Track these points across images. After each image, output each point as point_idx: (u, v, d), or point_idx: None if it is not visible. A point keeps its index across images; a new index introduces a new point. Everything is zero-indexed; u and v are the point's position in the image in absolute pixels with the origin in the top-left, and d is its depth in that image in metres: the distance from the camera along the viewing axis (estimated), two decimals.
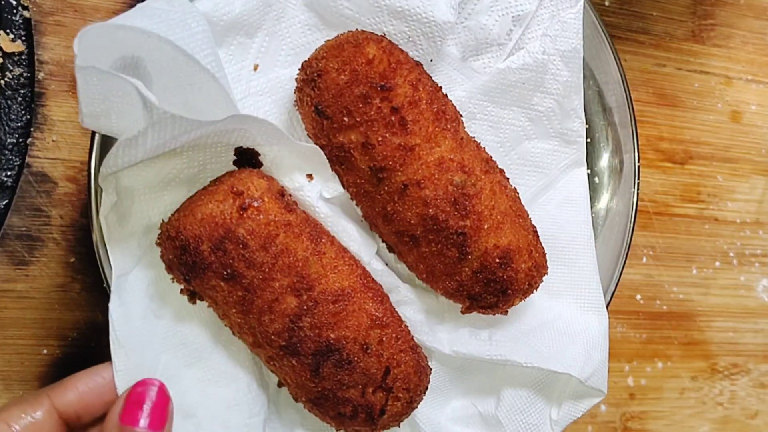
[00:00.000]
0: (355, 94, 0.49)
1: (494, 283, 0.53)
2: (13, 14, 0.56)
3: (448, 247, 0.52)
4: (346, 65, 0.50)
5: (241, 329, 0.51)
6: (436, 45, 0.55)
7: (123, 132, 0.46)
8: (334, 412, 0.52)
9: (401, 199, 0.51)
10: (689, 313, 0.81)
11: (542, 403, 0.61)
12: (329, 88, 0.50)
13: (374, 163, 0.50)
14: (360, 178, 0.51)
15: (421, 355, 0.55)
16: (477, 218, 0.52)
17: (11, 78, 0.56)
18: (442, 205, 0.51)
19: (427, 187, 0.50)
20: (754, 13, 0.83)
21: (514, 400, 0.61)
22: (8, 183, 0.55)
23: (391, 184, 0.51)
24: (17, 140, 0.56)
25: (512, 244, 0.53)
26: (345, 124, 0.50)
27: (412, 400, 0.54)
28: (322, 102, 0.50)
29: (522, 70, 0.59)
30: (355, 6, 0.54)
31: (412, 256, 0.54)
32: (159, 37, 0.43)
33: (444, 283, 0.54)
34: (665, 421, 0.78)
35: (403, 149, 0.50)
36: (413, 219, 0.51)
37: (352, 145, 0.50)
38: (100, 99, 0.44)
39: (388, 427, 0.54)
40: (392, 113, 0.50)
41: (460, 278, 0.53)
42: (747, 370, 0.84)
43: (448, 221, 0.51)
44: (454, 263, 0.52)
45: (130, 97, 0.44)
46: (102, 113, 0.44)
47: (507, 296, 0.54)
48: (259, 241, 0.48)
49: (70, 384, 0.49)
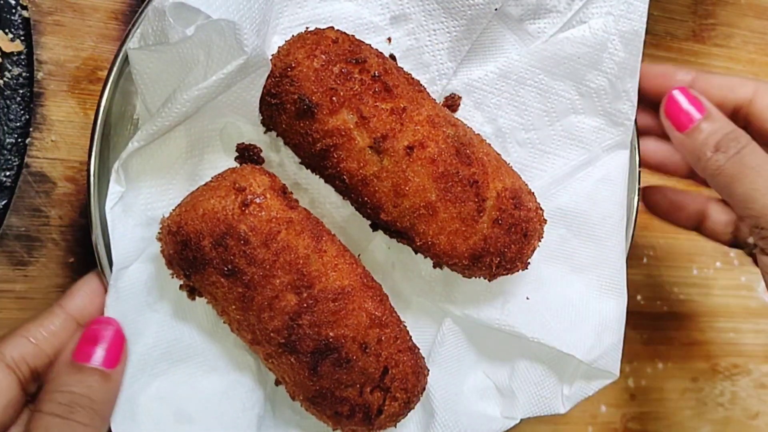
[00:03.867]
0: (335, 73, 0.49)
1: (515, 226, 0.52)
2: (12, 14, 0.56)
3: (464, 201, 0.51)
4: (316, 50, 0.49)
5: (240, 326, 0.51)
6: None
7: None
8: (331, 411, 0.52)
9: (410, 166, 0.50)
10: (690, 313, 0.81)
11: (555, 378, 0.62)
12: (307, 76, 0.49)
13: (374, 134, 0.49)
14: (359, 161, 0.50)
15: (419, 356, 0.55)
16: (480, 164, 0.52)
17: (10, 78, 0.56)
18: (449, 159, 0.50)
19: (429, 146, 0.50)
20: (754, 13, 0.83)
21: (527, 373, 0.62)
22: (7, 183, 0.55)
23: (395, 152, 0.50)
24: (16, 140, 0.56)
25: (515, 184, 0.53)
26: (335, 105, 0.49)
27: (410, 401, 0.54)
28: (304, 92, 0.49)
29: (580, 45, 0.58)
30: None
31: (431, 228, 0.51)
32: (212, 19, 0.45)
33: (468, 245, 0.52)
34: (666, 422, 0.78)
35: (397, 113, 0.50)
36: (427, 182, 0.50)
37: (348, 124, 0.49)
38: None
39: (385, 427, 0.54)
40: (375, 81, 0.49)
41: (483, 233, 0.52)
42: (748, 370, 0.84)
43: (458, 172, 0.50)
44: (473, 218, 0.51)
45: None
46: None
47: (528, 239, 0.53)
48: (261, 238, 0.48)
49: (76, 291, 0.50)
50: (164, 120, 0.49)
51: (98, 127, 0.52)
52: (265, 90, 0.51)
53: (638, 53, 0.59)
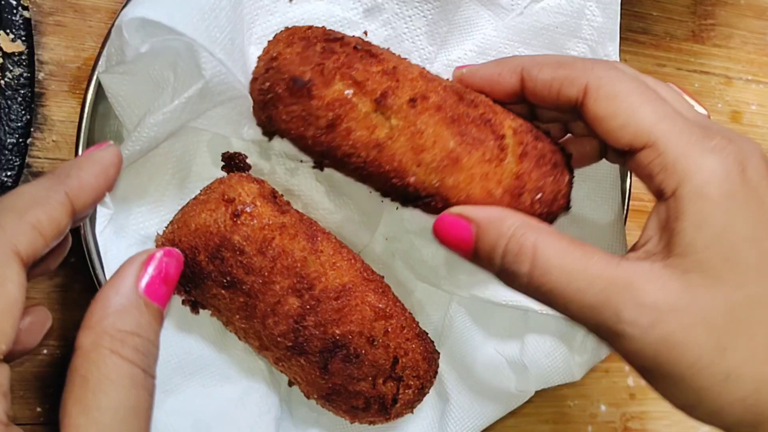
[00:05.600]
0: (318, 51, 0.47)
1: (542, 158, 0.48)
2: (13, 14, 0.56)
3: (483, 141, 0.47)
4: (293, 38, 0.48)
5: (246, 334, 0.51)
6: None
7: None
8: (347, 406, 0.53)
9: (418, 117, 0.46)
10: None
11: (565, 348, 0.62)
12: (292, 60, 0.46)
13: (373, 95, 0.46)
14: (367, 127, 0.46)
15: (427, 341, 0.55)
16: (486, 105, 0.49)
17: (11, 78, 0.56)
18: (454, 104, 0.48)
19: (430, 96, 0.47)
20: (754, 13, 0.83)
21: (538, 346, 0.62)
22: (8, 183, 0.55)
23: (399, 108, 0.46)
24: (17, 140, 0.56)
25: (526, 121, 0.51)
26: (327, 77, 0.46)
27: (423, 387, 0.54)
28: (294, 73, 0.46)
29: (556, 14, 0.58)
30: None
31: (461, 178, 0.47)
32: (179, 33, 0.44)
33: (503, 187, 0.47)
34: (666, 422, 0.78)
35: (388, 73, 0.47)
36: (441, 130, 0.47)
37: (345, 93, 0.46)
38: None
39: (402, 414, 0.55)
40: (357, 51, 0.48)
41: (513, 171, 0.48)
42: None
43: (468, 114, 0.48)
44: (498, 157, 0.47)
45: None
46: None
47: (560, 170, 0.49)
48: (256, 246, 0.48)
49: (75, 173, 0.42)
50: (135, 144, 0.48)
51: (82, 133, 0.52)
52: (254, 92, 0.49)
53: (616, 16, 0.59)
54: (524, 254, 0.42)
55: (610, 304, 0.40)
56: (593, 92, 0.44)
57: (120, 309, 0.38)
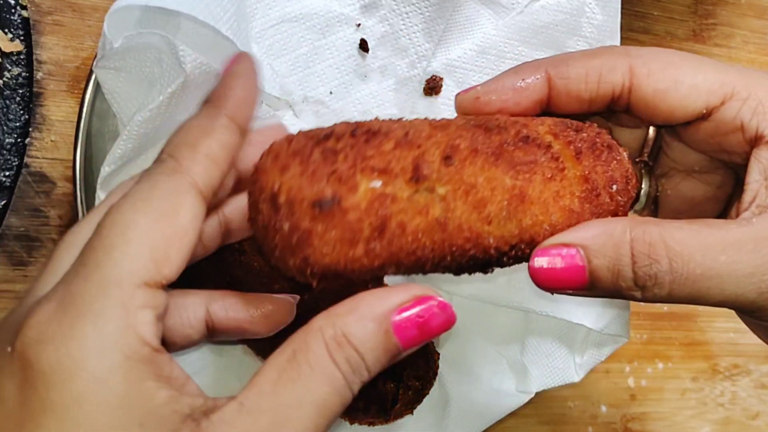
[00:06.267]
0: (320, 160, 0.39)
1: (593, 146, 0.44)
2: (12, 14, 0.56)
3: (535, 162, 0.42)
4: (282, 160, 0.39)
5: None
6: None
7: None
8: (347, 408, 0.53)
9: (461, 172, 0.40)
10: (690, 313, 0.81)
11: (566, 348, 0.62)
12: (300, 186, 0.38)
13: (406, 174, 0.40)
14: (419, 211, 0.39)
15: (427, 342, 0.55)
16: (508, 121, 0.44)
17: (9, 78, 0.56)
18: (485, 138, 0.42)
19: (459, 143, 0.41)
20: (755, 13, 0.83)
21: (538, 347, 0.62)
22: (6, 183, 0.55)
23: (439, 173, 0.40)
24: (16, 140, 0.56)
25: (554, 118, 0.46)
26: (350, 182, 0.38)
27: (424, 387, 0.54)
28: (313, 197, 0.38)
29: (556, 12, 0.58)
30: None
31: (536, 212, 0.42)
32: (180, 13, 0.43)
33: (578, 196, 0.43)
34: (666, 422, 0.78)
35: (405, 143, 0.41)
36: (490, 172, 0.41)
37: (377, 188, 0.39)
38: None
39: (403, 415, 0.54)
40: (357, 137, 0.40)
41: (577, 174, 0.43)
42: (748, 370, 0.84)
43: (505, 140, 0.42)
44: (558, 168, 0.43)
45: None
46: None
47: (615, 150, 0.45)
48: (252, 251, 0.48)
49: (227, 93, 0.40)
50: (126, 143, 0.48)
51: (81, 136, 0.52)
52: (267, 242, 0.40)
53: (616, 14, 0.59)
54: (657, 251, 0.37)
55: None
56: (642, 69, 0.41)
57: (360, 317, 0.36)
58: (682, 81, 0.41)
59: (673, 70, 0.41)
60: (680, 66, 0.41)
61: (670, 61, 0.42)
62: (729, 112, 0.41)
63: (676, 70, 0.41)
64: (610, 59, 0.42)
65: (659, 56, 0.42)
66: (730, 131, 0.41)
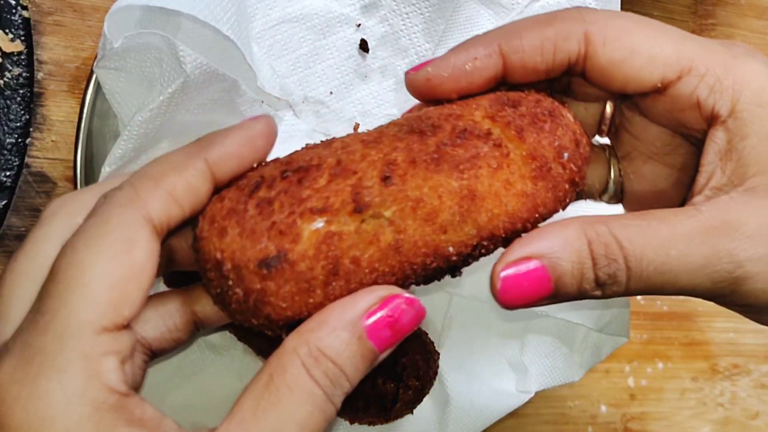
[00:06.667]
0: (255, 214, 0.37)
1: (534, 118, 0.42)
2: (12, 14, 0.56)
3: (478, 154, 0.40)
4: (218, 222, 0.38)
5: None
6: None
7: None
8: (346, 406, 0.53)
9: (404, 188, 0.39)
10: (690, 313, 0.81)
11: (565, 348, 0.62)
12: (242, 246, 0.37)
13: (347, 206, 0.38)
14: (370, 241, 0.38)
15: (427, 342, 0.55)
16: (440, 115, 0.42)
17: (10, 78, 0.56)
18: (420, 143, 0.40)
19: (395, 158, 0.39)
20: (755, 13, 0.83)
21: (538, 346, 0.62)
22: (7, 183, 0.55)
23: (381, 195, 0.38)
24: (16, 140, 0.56)
25: (489, 96, 0.44)
26: (292, 231, 0.37)
27: (424, 387, 0.54)
28: (257, 257, 0.37)
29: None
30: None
31: (490, 207, 0.41)
32: (180, 14, 0.43)
33: (530, 174, 0.41)
34: (666, 422, 0.78)
35: (339, 172, 0.39)
36: (434, 179, 0.39)
37: (319, 230, 0.37)
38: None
39: (402, 415, 0.54)
40: (287, 178, 0.38)
41: (522, 154, 0.41)
42: (748, 370, 0.84)
43: (442, 141, 0.40)
44: (503, 154, 0.41)
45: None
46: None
47: (559, 114, 0.43)
48: None
49: (218, 140, 0.38)
50: (127, 143, 0.48)
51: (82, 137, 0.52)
52: (227, 305, 0.38)
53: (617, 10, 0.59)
54: (613, 251, 0.37)
55: (719, 251, 0.36)
56: (598, 37, 0.39)
57: (332, 329, 0.35)
58: (638, 51, 0.39)
59: (630, 39, 0.39)
60: (637, 34, 0.39)
61: (627, 28, 0.39)
62: (685, 88, 0.39)
63: (633, 38, 0.39)
64: (564, 26, 0.40)
65: (616, 22, 0.40)
66: (686, 107, 0.39)
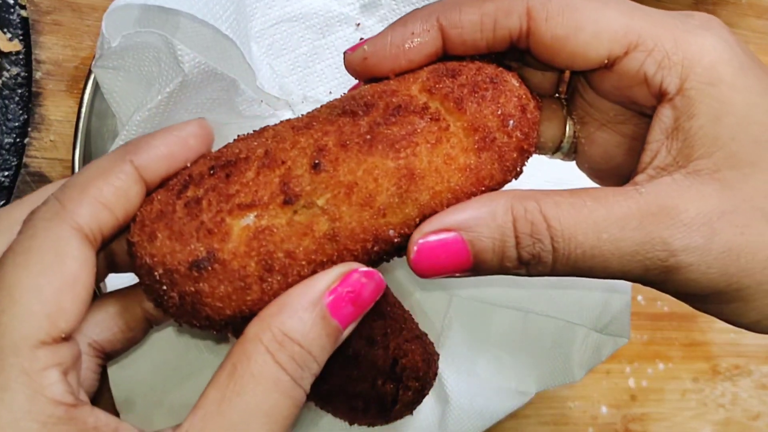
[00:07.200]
0: (183, 215, 0.37)
1: (473, 88, 0.40)
2: (11, 13, 0.56)
3: (415, 130, 0.38)
4: (148, 225, 0.37)
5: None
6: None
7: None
8: (346, 407, 0.53)
9: (336, 173, 0.37)
10: (690, 314, 0.81)
11: (566, 349, 0.62)
12: (172, 249, 0.36)
13: (277, 198, 0.37)
14: (304, 231, 0.37)
15: (427, 343, 0.55)
16: (374, 92, 0.41)
17: (8, 77, 0.55)
18: (353, 125, 0.39)
19: (325, 143, 0.38)
20: (755, 13, 0.83)
21: (538, 347, 0.62)
22: (5, 183, 0.55)
23: (312, 184, 0.37)
24: (14, 140, 0.56)
25: (423, 70, 0.42)
26: (220, 229, 0.36)
27: (423, 388, 0.54)
28: (187, 259, 0.36)
29: None
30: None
31: (433, 183, 0.39)
32: (179, 12, 0.44)
33: (472, 146, 0.39)
34: (666, 423, 0.78)
35: (267, 163, 0.38)
36: (368, 160, 0.37)
37: (250, 225, 0.36)
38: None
39: (402, 416, 0.54)
40: (214, 175, 0.38)
41: (463, 126, 0.39)
42: (748, 371, 0.83)
43: (375, 120, 0.39)
44: (442, 128, 0.40)
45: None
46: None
47: (501, 83, 0.41)
48: None
49: (146, 142, 0.37)
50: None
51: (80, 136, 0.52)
52: (169, 309, 0.37)
53: None
54: (539, 230, 0.35)
55: (653, 238, 0.34)
56: (540, 13, 0.37)
57: (294, 312, 0.35)
58: (582, 27, 0.37)
59: (573, 14, 0.37)
60: (581, 9, 0.37)
61: (570, 2, 0.37)
62: (633, 64, 0.37)
63: (577, 13, 0.37)
64: (505, 1, 0.38)
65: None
66: (634, 84, 0.37)
